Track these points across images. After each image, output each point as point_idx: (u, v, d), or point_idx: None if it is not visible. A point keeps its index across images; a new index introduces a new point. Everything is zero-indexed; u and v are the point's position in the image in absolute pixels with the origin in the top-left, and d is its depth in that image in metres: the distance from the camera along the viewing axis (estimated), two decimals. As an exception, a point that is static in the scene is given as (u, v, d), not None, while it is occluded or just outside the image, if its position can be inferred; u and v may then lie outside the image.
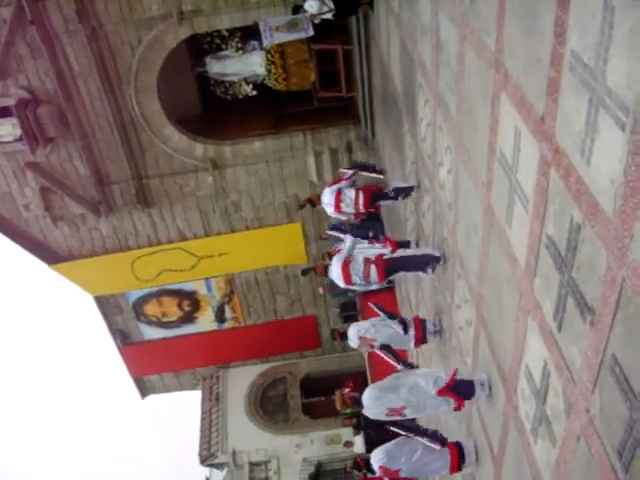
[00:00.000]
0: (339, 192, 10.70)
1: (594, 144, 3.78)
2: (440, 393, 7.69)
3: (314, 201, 11.49)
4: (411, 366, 8.46)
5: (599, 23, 3.48)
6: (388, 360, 8.42)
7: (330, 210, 10.94)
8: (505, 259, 5.96)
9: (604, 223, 3.74)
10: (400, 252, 9.53)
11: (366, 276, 9.19)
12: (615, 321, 3.78)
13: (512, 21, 4.95)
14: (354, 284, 9.45)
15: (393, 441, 8.19)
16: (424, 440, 8.11)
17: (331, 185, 11.03)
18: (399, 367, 8.26)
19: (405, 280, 13.50)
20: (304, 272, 11.60)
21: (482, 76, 5.94)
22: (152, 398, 22.99)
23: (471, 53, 6.28)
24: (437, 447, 8.11)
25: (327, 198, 10.84)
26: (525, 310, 5.55)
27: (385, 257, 9.31)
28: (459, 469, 8.31)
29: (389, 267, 9.32)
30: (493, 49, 5.49)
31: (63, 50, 14.57)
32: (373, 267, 9.14)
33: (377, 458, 8.08)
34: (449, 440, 8.45)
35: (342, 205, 10.65)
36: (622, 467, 3.89)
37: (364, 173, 11.76)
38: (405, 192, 10.68)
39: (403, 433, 8.13)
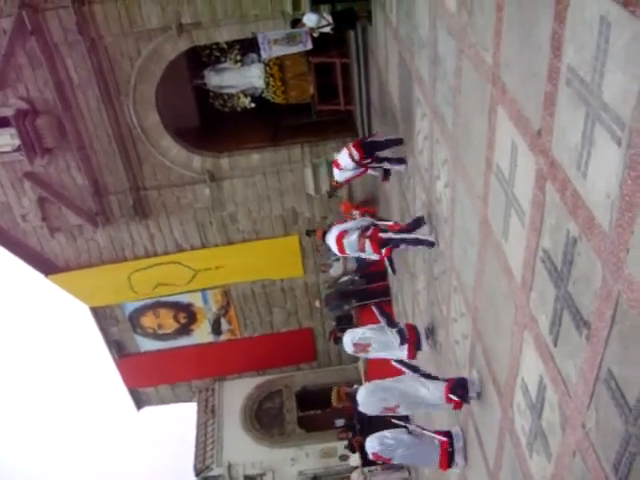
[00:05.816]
0: (341, 235, 9.81)
1: (590, 158, 3.79)
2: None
3: (317, 235, 10.70)
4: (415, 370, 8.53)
5: (595, 37, 3.49)
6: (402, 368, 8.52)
7: (334, 249, 10.14)
8: (501, 273, 5.96)
9: (600, 237, 3.74)
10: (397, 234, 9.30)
11: (361, 249, 9.32)
12: (611, 335, 3.77)
13: (509, 35, 4.97)
14: (348, 254, 9.71)
15: (390, 431, 8.32)
16: (423, 431, 8.39)
17: (338, 224, 10.20)
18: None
19: (402, 293, 13.48)
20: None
21: (479, 90, 5.96)
22: (148, 410, 22.90)
23: (468, 67, 6.30)
24: (437, 439, 8.38)
25: (331, 240, 10.00)
26: (521, 324, 5.54)
27: (381, 235, 9.19)
28: (449, 465, 8.52)
29: (384, 241, 9.18)
30: (490, 63, 5.51)
31: (62, 61, 14.60)
32: (367, 242, 9.16)
33: (371, 445, 8.33)
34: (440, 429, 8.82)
35: (345, 247, 9.88)
36: (618, 482, 3.88)
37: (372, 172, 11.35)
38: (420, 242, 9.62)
39: (401, 424, 8.30)
